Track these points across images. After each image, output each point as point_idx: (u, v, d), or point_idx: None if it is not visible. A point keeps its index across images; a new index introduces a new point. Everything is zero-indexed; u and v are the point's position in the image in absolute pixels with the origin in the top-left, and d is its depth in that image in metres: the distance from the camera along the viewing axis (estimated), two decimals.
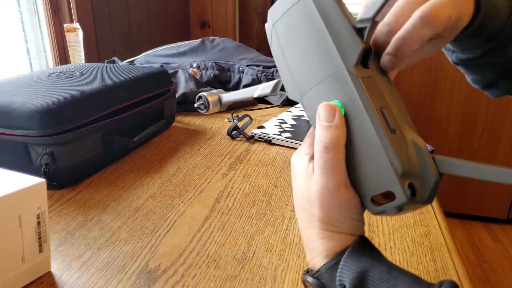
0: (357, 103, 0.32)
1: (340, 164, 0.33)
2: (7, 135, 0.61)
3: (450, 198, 2.23)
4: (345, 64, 0.33)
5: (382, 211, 0.32)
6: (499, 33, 0.43)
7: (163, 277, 0.45)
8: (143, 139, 0.77)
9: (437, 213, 0.59)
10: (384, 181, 0.31)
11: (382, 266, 0.31)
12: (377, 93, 0.33)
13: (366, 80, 0.33)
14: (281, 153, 0.80)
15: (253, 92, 0.44)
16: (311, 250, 0.35)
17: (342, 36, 0.33)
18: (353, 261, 0.32)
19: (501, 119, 2.06)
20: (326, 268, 0.33)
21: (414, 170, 0.31)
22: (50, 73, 0.78)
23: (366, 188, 0.33)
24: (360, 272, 0.31)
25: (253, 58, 1.20)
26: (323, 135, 0.33)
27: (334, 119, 0.32)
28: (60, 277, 0.45)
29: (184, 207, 0.60)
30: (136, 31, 1.63)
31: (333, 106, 0.33)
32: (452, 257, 0.49)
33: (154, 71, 0.86)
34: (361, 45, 0.32)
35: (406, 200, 0.31)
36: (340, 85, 0.33)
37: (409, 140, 0.32)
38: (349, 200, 0.33)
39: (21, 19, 1.17)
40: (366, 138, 0.32)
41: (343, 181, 0.33)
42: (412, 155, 0.32)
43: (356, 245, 0.33)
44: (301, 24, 0.36)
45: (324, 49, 0.34)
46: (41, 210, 0.43)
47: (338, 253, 0.33)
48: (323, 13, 0.34)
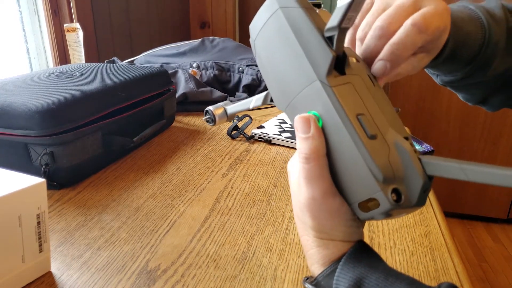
0: (332, 113, 0.32)
1: (323, 173, 0.33)
2: (7, 135, 0.61)
3: (450, 198, 2.23)
4: (317, 75, 0.33)
5: (370, 217, 0.32)
6: (475, 57, 0.45)
7: (163, 277, 0.45)
8: (143, 139, 0.77)
9: (437, 213, 0.59)
10: (367, 188, 0.31)
11: (379, 273, 0.31)
12: (354, 99, 0.32)
13: (341, 88, 0.32)
14: (281, 153, 0.80)
15: (249, 104, 0.45)
16: (309, 257, 0.35)
17: (312, 46, 0.33)
18: (349, 269, 0.32)
19: (501, 119, 2.06)
20: (323, 276, 0.33)
21: (398, 174, 0.31)
22: (50, 73, 0.78)
23: (351, 196, 0.33)
24: (356, 280, 0.31)
25: (253, 58, 1.20)
26: (302, 147, 0.33)
27: (310, 130, 0.33)
28: (60, 277, 0.45)
29: (184, 207, 0.60)
30: (136, 31, 1.63)
31: (307, 117, 0.33)
32: (452, 257, 0.49)
33: (154, 71, 0.86)
34: (331, 54, 0.32)
35: (390, 206, 0.30)
36: (314, 95, 0.33)
37: (391, 144, 0.32)
38: (338, 208, 0.33)
39: (21, 19, 1.17)
40: (344, 147, 0.32)
41: (329, 190, 0.33)
42: (395, 159, 0.31)
43: (352, 252, 0.33)
44: (275, 38, 0.36)
45: (297, 60, 0.34)
46: (41, 210, 0.43)
47: (334, 260, 0.33)
48: (293, 25, 0.34)
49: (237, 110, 0.48)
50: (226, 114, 0.48)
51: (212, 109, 0.48)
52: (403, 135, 0.33)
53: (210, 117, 0.48)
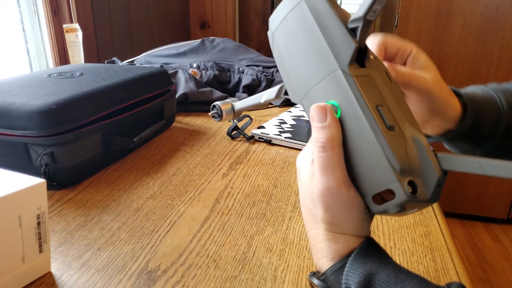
0: (352, 102, 0.32)
1: (338, 162, 0.33)
2: (7, 136, 0.61)
3: (450, 198, 2.23)
4: (339, 64, 0.33)
5: (384, 210, 0.32)
6: None
7: (163, 277, 0.45)
8: (143, 139, 0.77)
9: (437, 213, 0.59)
10: (383, 179, 0.31)
11: (389, 269, 0.31)
12: (374, 91, 0.33)
13: (361, 78, 0.33)
14: (281, 153, 0.80)
15: (260, 98, 0.45)
16: (318, 251, 0.35)
17: (335, 37, 0.34)
18: (359, 264, 0.31)
19: None
20: (332, 271, 0.33)
21: (414, 167, 0.31)
22: (50, 74, 0.78)
23: (366, 187, 0.33)
24: (367, 275, 0.30)
25: (253, 58, 1.20)
26: (318, 136, 0.33)
27: (327, 119, 0.33)
28: (60, 278, 0.45)
29: (184, 207, 0.60)
30: (136, 31, 1.63)
31: (323, 106, 0.33)
32: (452, 257, 0.49)
33: (154, 71, 0.86)
34: (354, 44, 0.33)
35: (406, 198, 0.30)
36: (335, 85, 0.34)
37: (408, 137, 0.32)
38: (352, 200, 0.33)
39: (21, 19, 1.17)
40: (363, 136, 0.32)
41: (344, 180, 0.33)
42: (412, 152, 0.32)
43: (363, 247, 0.33)
44: (297, 29, 0.37)
45: (319, 51, 0.35)
46: (41, 210, 0.43)
47: (344, 255, 0.33)
48: (317, 16, 0.35)
49: (245, 105, 0.47)
50: (233, 110, 0.48)
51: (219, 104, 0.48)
52: (418, 131, 0.33)
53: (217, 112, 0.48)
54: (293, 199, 0.63)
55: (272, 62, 1.20)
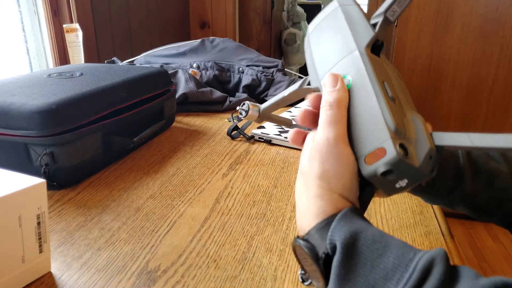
0: (363, 74, 0.36)
1: (341, 119, 0.36)
2: (7, 136, 0.61)
3: None
4: (358, 46, 0.38)
5: (374, 169, 0.33)
6: None
7: (163, 278, 0.45)
8: (143, 139, 0.77)
9: (437, 213, 0.59)
10: (377, 138, 0.34)
11: (375, 230, 0.32)
12: (382, 71, 0.37)
13: (374, 60, 0.38)
14: (281, 153, 0.80)
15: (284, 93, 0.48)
16: (303, 213, 0.36)
17: (358, 27, 0.40)
18: (346, 222, 0.32)
19: (501, 119, 2.06)
20: (317, 229, 0.34)
21: (409, 136, 0.34)
22: (50, 74, 0.78)
23: (362, 147, 0.35)
24: (353, 233, 0.31)
25: (253, 58, 1.20)
26: (327, 98, 0.37)
27: (337, 85, 0.37)
28: (60, 278, 0.45)
29: (184, 207, 0.60)
30: (136, 31, 1.63)
31: (336, 74, 0.38)
32: (452, 257, 0.49)
33: (154, 71, 0.86)
34: (372, 33, 0.39)
35: (396, 156, 0.32)
36: (351, 61, 0.38)
37: (408, 114, 0.35)
38: (346, 156, 0.35)
39: (21, 19, 1.17)
40: (366, 102, 0.35)
41: (343, 136, 0.36)
42: (408, 123, 0.35)
43: (352, 209, 0.34)
44: (329, 26, 0.43)
45: (343, 39, 0.40)
46: (41, 210, 0.43)
47: (330, 214, 0.34)
48: (347, 16, 0.42)
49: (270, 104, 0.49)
50: (259, 112, 0.50)
51: (249, 103, 0.50)
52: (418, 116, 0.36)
53: (245, 108, 0.50)
54: (293, 199, 0.63)
55: (271, 62, 1.20)
